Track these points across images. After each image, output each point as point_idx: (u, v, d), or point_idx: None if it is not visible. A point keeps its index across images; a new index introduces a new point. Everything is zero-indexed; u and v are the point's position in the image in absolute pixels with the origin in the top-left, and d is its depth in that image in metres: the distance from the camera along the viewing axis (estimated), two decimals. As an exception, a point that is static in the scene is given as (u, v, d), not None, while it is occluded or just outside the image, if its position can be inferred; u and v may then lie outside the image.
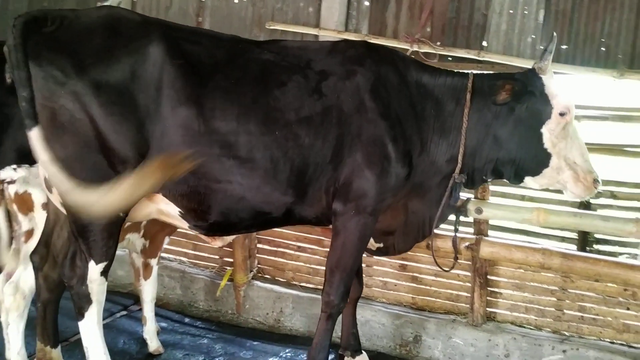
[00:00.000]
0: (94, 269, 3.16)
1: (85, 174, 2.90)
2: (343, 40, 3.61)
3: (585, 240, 5.56)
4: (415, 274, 4.68)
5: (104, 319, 4.71)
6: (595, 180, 3.31)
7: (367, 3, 6.27)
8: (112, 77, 2.90)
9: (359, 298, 4.04)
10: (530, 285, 4.34)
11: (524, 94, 3.26)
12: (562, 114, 3.25)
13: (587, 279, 4.07)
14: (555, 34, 3.30)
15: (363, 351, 4.11)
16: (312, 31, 6.21)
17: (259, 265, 5.17)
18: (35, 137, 2.79)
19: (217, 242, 4.08)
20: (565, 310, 4.27)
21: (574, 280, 4.19)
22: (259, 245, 5.14)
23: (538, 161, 3.33)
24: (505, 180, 3.58)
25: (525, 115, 3.30)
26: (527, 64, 5.20)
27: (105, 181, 2.86)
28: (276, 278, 5.13)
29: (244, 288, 5.01)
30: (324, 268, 4.93)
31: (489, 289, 4.37)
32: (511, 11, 5.77)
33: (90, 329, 3.27)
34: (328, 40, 4.35)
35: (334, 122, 3.15)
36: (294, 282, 5.06)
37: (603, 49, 5.46)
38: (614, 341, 4.17)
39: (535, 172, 3.37)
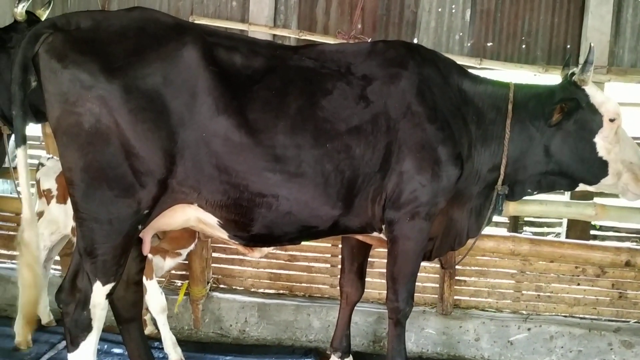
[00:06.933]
0: (100, 291, 2.88)
1: (107, 184, 2.74)
2: (381, 41, 3.48)
3: (516, 224, 6.06)
4: (381, 270, 4.72)
5: (44, 353, 4.25)
6: None
7: (295, -1, 6.20)
8: (144, 82, 2.67)
9: (358, 301, 3.99)
10: (492, 271, 4.61)
11: (575, 110, 3.25)
12: (612, 120, 3.25)
13: (551, 261, 4.40)
14: (592, 44, 3.32)
15: (351, 355, 4.08)
16: (241, 26, 5.98)
17: (214, 276, 4.90)
18: (21, 155, 2.80)
19: (255, 254, 3.80)
20: (523, 291, 4.60)
21: (532, 262, 4.53)
22: (214, 255, 4.87)
23: (596, 170, 3.33)
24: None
25: (575, 128, 3.29)
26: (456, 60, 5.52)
27: (127, 193, 2.75)
28: (233, 287, 4.90)
29: (202, 301, 4.71)
30: (287, 272, 4.89)
31: (456, 278, 4.56)
32: (440, 9, 6.05)
33: None
34: (364, 42, 4.25)
35: (383, 130, 3.04)
36: (254, 290, 4.88)
37: (524, 46, 5.97)
38: (567, 315, 4.59)
39: (595, 181, 3.38)
